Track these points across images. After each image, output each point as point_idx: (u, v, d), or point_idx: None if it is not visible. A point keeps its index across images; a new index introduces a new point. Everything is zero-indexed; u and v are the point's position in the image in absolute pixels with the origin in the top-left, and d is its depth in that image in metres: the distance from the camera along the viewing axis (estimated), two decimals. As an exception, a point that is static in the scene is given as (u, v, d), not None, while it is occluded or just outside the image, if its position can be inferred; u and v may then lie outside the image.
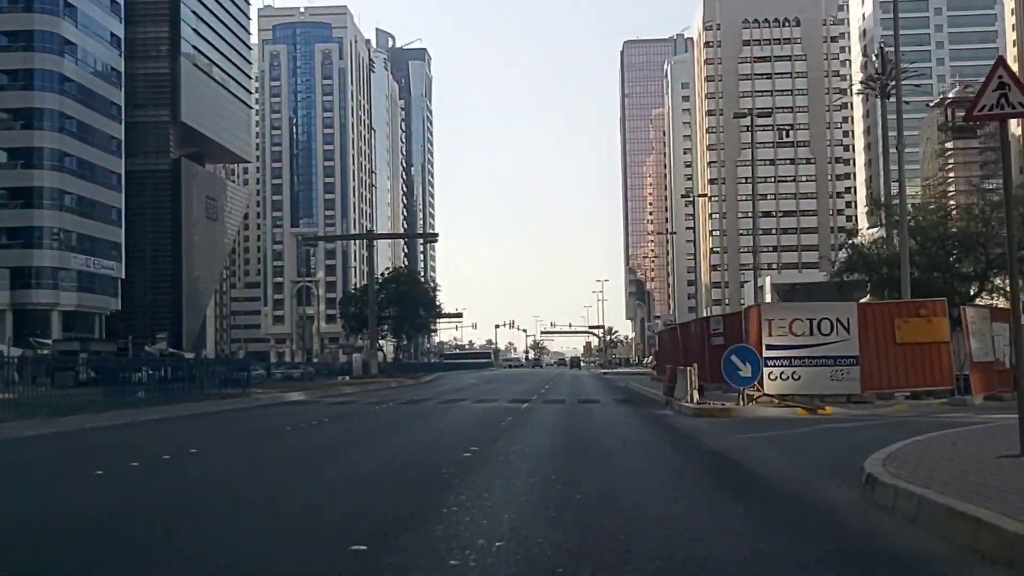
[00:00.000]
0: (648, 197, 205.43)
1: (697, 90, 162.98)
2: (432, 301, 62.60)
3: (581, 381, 56.59)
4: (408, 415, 24.59)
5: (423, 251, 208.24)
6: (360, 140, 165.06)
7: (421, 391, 40.52)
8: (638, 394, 35.64)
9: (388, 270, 62.80)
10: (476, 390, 41.70)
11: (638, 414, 23.80)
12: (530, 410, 25.26)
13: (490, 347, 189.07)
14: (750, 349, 22.75)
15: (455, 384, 51.31)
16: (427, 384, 51.60)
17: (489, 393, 37.75)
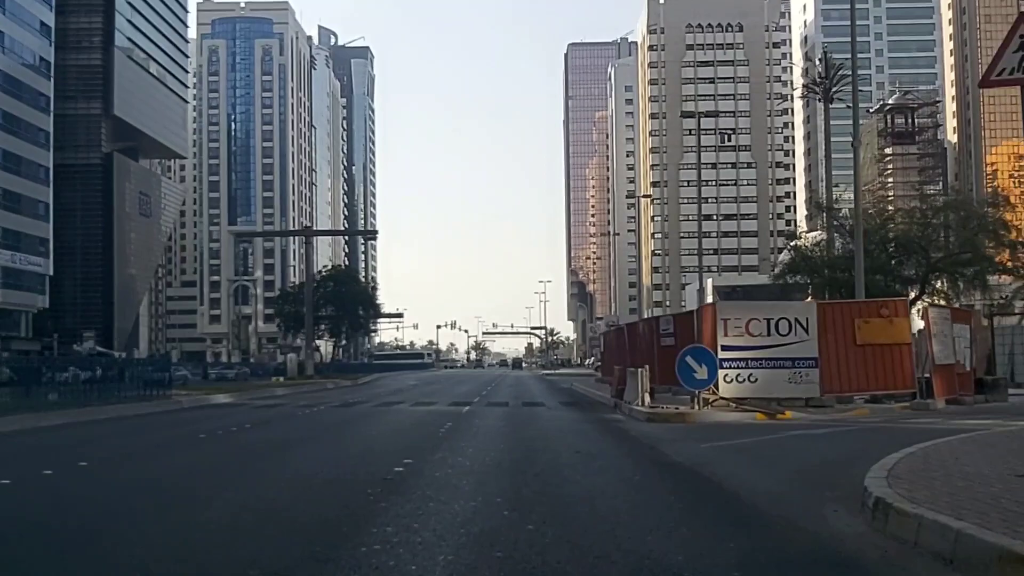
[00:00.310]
0: (591, 199, 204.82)
1: (640, 93, 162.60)
2: (371, 300, 60.29)
3: (524, 382, 54.96)
4: (339, 420, 22.69)
5: (364, 251, 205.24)
6: (300, 138, 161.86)
7: (357, 393, 38.54)
8: (584, 396, 34.08)
9: (326, 268, 60.40)
10: (415, 392, 39.83)
11: (587, 419, 22.16)
12: (472, 414, 23.50)
13: (431, 348, 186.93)
14: (706, 350, 21.24)
15: (394, 385, 49.34)
16: (364, 386, 49.55)
17: (429, 395, 35.91)
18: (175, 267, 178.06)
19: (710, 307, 23.74)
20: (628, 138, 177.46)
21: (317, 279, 58.88)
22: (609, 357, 43.83)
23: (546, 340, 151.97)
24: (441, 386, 48.66)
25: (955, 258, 46.31)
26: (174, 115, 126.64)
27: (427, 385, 50.47)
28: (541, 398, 33.32)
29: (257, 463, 12.77)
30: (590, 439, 16.53)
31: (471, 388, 44.24)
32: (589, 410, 25.77)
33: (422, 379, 64.23)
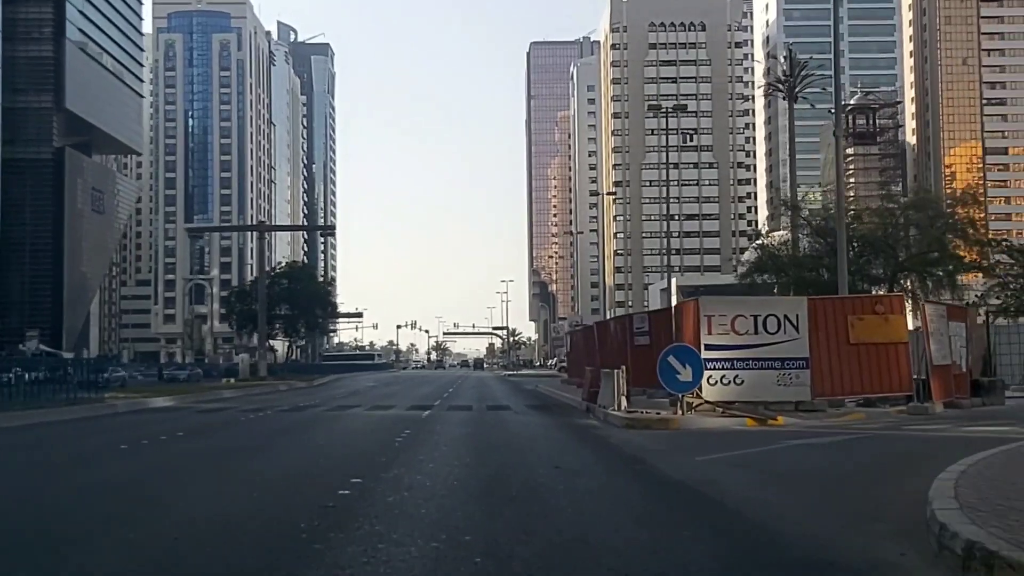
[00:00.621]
0: (553, 199, 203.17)
1: (603, 92, 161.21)
2: (328, 298, 57.66)
3: (487, 384, 52.88)
4: (285, 427, 20.49)
5: (324, 250, 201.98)
6: (259, 134, 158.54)
7: (311, 396, 36.26)
8: (552, 399, 32.09)
9: (279, 264, 57.68)
10: (373, 394, 37.63)
11: (559, 425, 20.15)
12: (433, 419, 21.41)
13: (392, 348, 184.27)
14: (691, 350, 19.30)
15: (351, 387, 47.06)
16: (320, 388, 47.22)
17: (387, 398, 33.75)
18: (130, 266, 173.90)
19: (692, 303, 21.81)
20: (590, 137, 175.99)
21: (271, 276, 56.36)
22: (576, 358, 41.89)
23: (508, 340, 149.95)
24: (401, 388, 46.46)
25: (923, 257, 45.26)
26: (129, 110, 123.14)
27: (386, 387, 48.24)
28: (506, 401, 31.28)
29: (168, 488, 10.55)
30: (568, 450, 14.51)
31: (432, 390, 42.12)
32: (560, 414, 23.77)
33: (381, 380, 61.93)
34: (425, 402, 29.51)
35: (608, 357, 31.52)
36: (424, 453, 13.65)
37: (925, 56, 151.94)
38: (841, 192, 31.02)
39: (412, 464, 12.04)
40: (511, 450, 14.23)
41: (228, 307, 59.25)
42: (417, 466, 11.83)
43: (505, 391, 40.65)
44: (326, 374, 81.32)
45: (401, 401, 30.49)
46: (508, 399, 32.58)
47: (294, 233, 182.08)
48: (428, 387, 46.52)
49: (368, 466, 11.67)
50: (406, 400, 31.25)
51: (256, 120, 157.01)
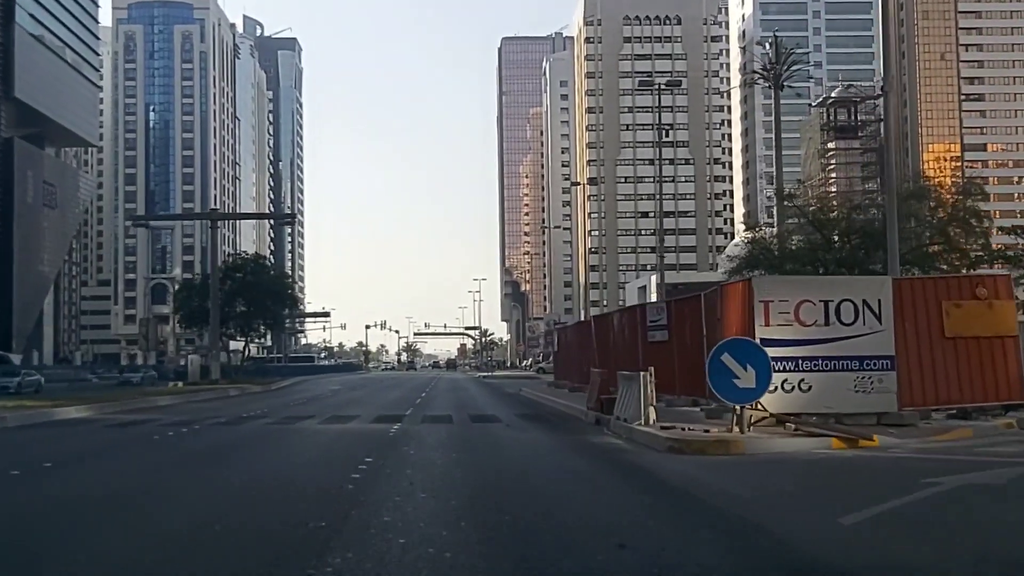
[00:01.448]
0: (525, 197, 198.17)
1: (577, 87, 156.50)
2: (289, 293, 52.12)
3: (463, 387, 47.71)
4: (209, 450, 15.19)
5: (291, 250, 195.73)
6: (223, 129, 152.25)
7: (261, 402, 30.89)
8: (545, 407, 26.95)
9: (232, 256, 51.96)
10: (334, 401, 32.35)
11: (574, 447, 15.00)
12: (404, 437, 16.21)
13: (361, 348, 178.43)
14: (754, 346, 14.19)
15: (311, 391, 41.70)
16: (276, 392, 41.82)
17: (349, 405, 28.52)
18: (91, 265, 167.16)
19: (741, 285, 16.72)
20: (563, 134, 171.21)
21: (224, 270, 50.88)
22: (566, 358, 36.85)
23: (481, 340, 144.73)
24: (367, 392, 41.22)
25: (925, 250, 41.28)
26: (84, 101, 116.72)
27: (351, 391, 42.97)
28: (491, 409, 26.12)
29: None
30: (613, 499, 9.33)
31: (403, 394, 36.90)
32: (565, 429, 18.63)
33: (347, 383, 56.61)
34: (394, 411, 24.34)
35: (611, 356, 26.50)
36: (392, 501, 8.49)
37: (903, 51, 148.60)
38: (890, 162, 26.19)
39: (373, 532, 6.88)
40: (527, 500, 9.06)
41: (178, 304, 53.47)
42: (382, 535, 6.66)
43: (486, 396, 35.51)
44: (288, 376, 75.80)
45: (366, 410, 25.28)
46: (493, 406, 27.43)
47: (260, 232, 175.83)
48: (398, 391, 41.31)
49: (300, 536, 6.50)
50: (372, 408, 26.05)
51: (220, 114, 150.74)
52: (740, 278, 16.71)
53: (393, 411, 24.38)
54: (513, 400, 31.60)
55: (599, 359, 28.37)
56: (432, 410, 25.18)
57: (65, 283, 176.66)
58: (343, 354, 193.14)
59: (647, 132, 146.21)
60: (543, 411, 24.71)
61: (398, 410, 24.85)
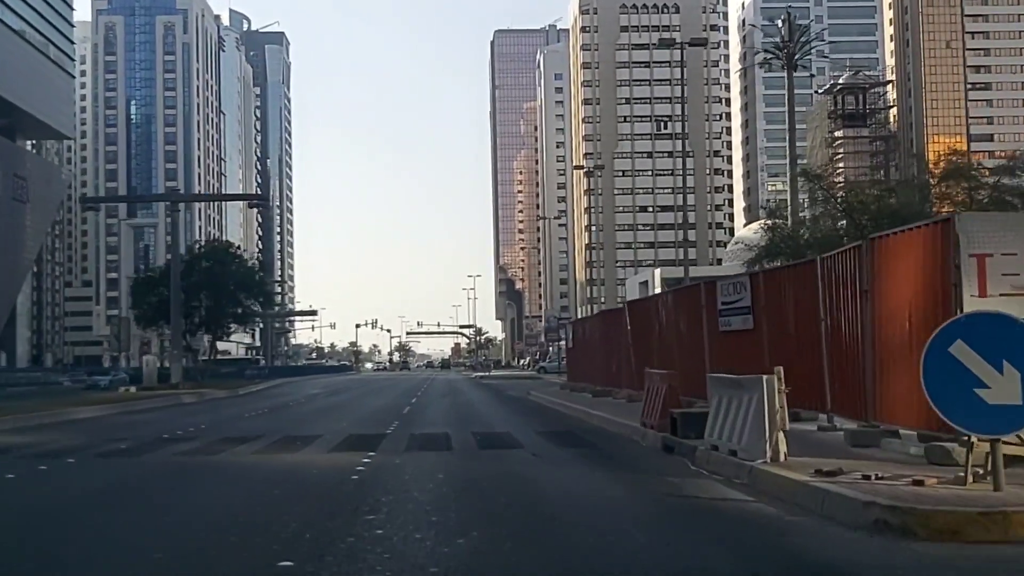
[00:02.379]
0: (519, 194, 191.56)
1: (573, 78, 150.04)
2: (259, 284, 45.29)
3: (460, 389, 41.20)
4: (29, 521, 8.56)
5: (280, 249, 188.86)
6: (207, 123, 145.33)
7: (207, 415, 24.24)
8: (569, 418, 20.43)
9: (197, 243, 45.13)
10: (301, 411, 25.84)
11: (674, 510, 8.44)
12: (373, 489, 9.64)
13: (353, 348, 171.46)
14: (1016, 324, 7.65)
15: (283, 397, 35.12)
16: (241, 399, 35.25)
17: (318, 418, 22.04)
18: (75, 265, 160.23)
19: (930, 231, 10.07)
20: (558, 128, 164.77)
21: (186, 258, 44.26)
22: (583, 355, 30.36)
23: (476, 339, 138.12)
24: (349, 397, 34.72)
25: None
26: (59, 91, 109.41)
27: (331, 396, 36.46)
28: (502, 423, 19.55)
29: None
30: None
31: (389, 400, 30.42)
32: (621, 461, 12.12)
33: (331, 386, 50.05)
34: (373, 427, 17.87)
35: (654, 353, 20.00)
36: None
37: (907, 40, 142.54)
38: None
39: None
40: None
41: (134, 299, 46.64)
42: None
43: (489, 402, 29.00)
44: (268, 379, 69.24)
45: (337, 425, 18.79)
46: (503, 418, 20.90)
47: (247, 231, 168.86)
48: (385, 396, 34.80)
49: None
50: (345, 423, 19.57)
51: (204, 108, 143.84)
52: (925, 222, 10.21)
53: (371, 427, 17.90)
54: (525, 408, 25.11)
55: (636, 357, 21.91)
56: (423, 425, 18.66)
57: (48, 283, 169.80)
58: (335, 354, 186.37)
59: (645, 124, 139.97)
60: (572, 426, 18.17)
61: (378, 426, 18.33)
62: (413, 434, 16.45)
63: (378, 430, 17.25)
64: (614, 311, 26.28)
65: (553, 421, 19.79)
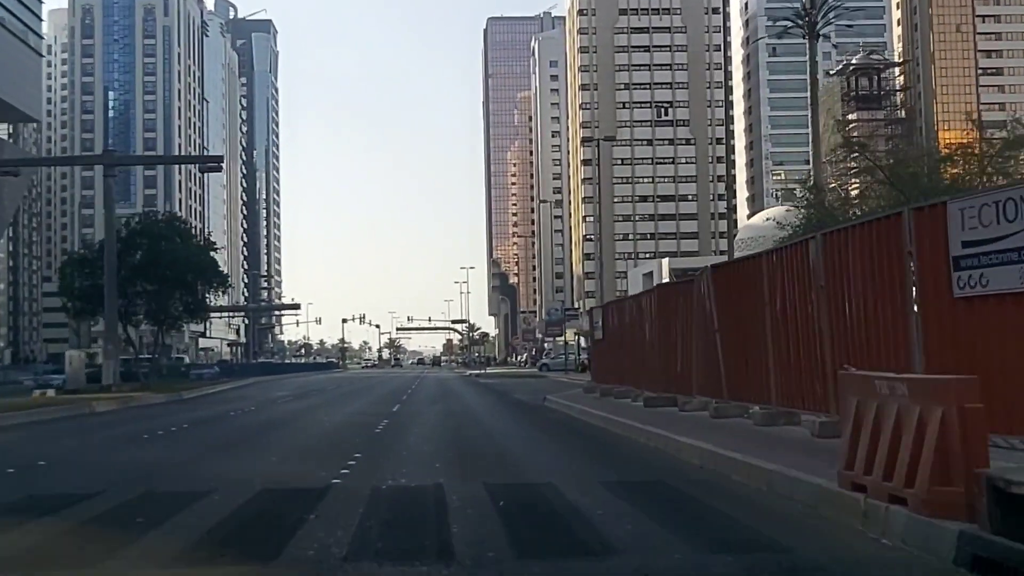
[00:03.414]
0: (513, 186, 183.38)
1: (569, 64, 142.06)
2: (212, 267, 36.90)
3: (454, 391, 33.30)
4: None
5: (267, 243, 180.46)
6: (189, 111, 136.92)
7: (68, 441, 16.07)
8: (653, 455, 12.23)
9: (137, 218, 36.90)
10: (225, 431, 17.77)
11: None
12: None
13: (343, 345, 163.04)
14: None
15: (227, 406, 27.06)
16: (179, 405, 27.23)
17: (235, 447, 14.11)
18: (54, 259, 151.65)
19: None
20: (554, 117, 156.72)
21: (125, 235, 36.13)
22: (618, 351, 22.48)
23: (469, 335, 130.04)
24: (313, 404, 26.78)
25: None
26: (25, 70, 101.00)
27: (293, 401, 28.54)
28: (536, 465, 11.38)
29: None
30: None
31: (363, 407, 22.60)
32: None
33: (305, 387, 42.12)
34: (311, 471, 9.99)
35: (771, 343, 12.07)
36: None
37: (915, 24, 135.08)
38: None
39: None
40: None
41: (61, 282, 38.23)
42: None
43: (497, 414, 21.02)
44: (249, 377, 61.50)
45: (255, 463, 10.99)
46: (530, 450, 12.82)
47: (231, 223, 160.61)
48: (360, 402, 26.90)
49: None
50: (273, 457, 11.76)
51: (185, 94, 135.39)
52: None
53: (310, 469, 10.01)
54: (552, 426, 17.10)
55: (726, 349, 13.99)
56: (399, 465, 10.63)
57: (24, 278, 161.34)
58: (324, 351, 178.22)
59: (645, 110, 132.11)
60: (665, 471, 10.04)
61: (323, 465, 10.35)
62: (377, 491, 8.53)
63: (318, 477, 9.32)
64: (679, 285, 18.34)
65: (617, 457, 11.77)
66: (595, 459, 11.48)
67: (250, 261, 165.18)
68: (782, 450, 9.42)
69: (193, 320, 40.24)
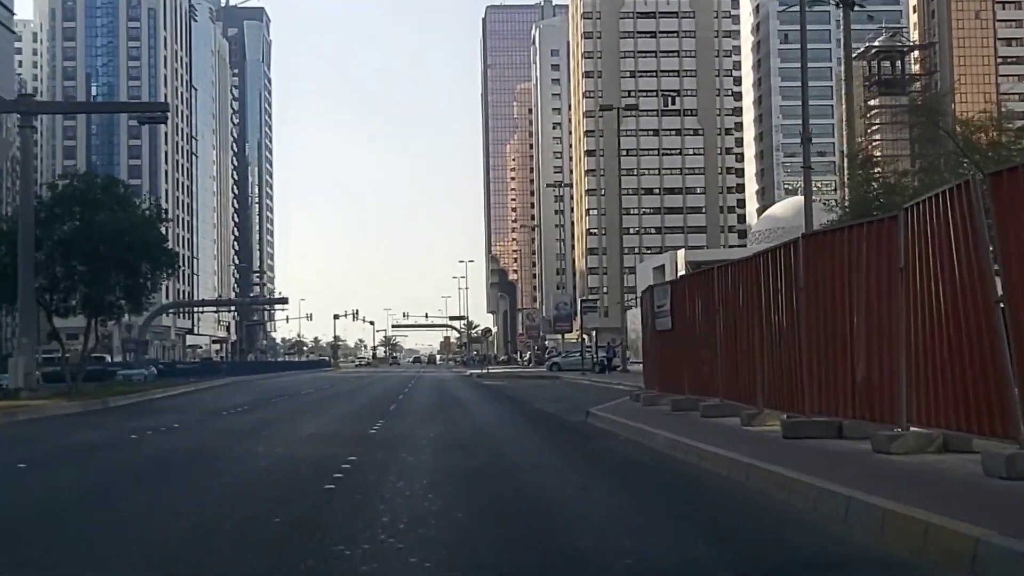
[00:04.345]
0: (512, 180, 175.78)
1: (572, 51, 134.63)
2: (158, 243, 29.27)
3: (459, 401, 25.95)
4: None
5: (259, 238, 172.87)
6: (175, 97, 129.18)
7: None
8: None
9: (69, 181, 29.27)
10: (84, 476, 10.29)
11: None
12: None
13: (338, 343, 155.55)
14: None
15: (159, 417, 19.64)
16: (79, 420, 19.88)
17: (77, 512, 6.69)
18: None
19: None
20: (555, 107, 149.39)
21: (48, 201, 28.49)
22: (700, 347, 15.09)
23: (468, 332, 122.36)
24: (275, 415, 19.60)
25: None
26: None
27: (248, 412, 21.27)
28: None
29: None
30: None
31: (333, 420, 15.18)
32: None
33: (268, 394, 34.78)
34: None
35: None
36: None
37: (932, 10, 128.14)
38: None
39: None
40: None
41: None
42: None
43: (524, 435, 13.61)
44: (223, 376, 54.25)
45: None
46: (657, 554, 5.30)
47: (223, 216, 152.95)
48: (336, 410, 19.61)
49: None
50: None
51: (172, 80, 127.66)
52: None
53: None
54: (638, 473, 9.58)
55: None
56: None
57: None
58: (318, 350, 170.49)
59: (651, 99, 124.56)
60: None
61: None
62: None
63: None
64: (837, 229, 10.94)
65: None
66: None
67: (241, 256, 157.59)
68: None
69: (136, 311, 32.62)
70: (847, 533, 5.92)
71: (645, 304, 19.78)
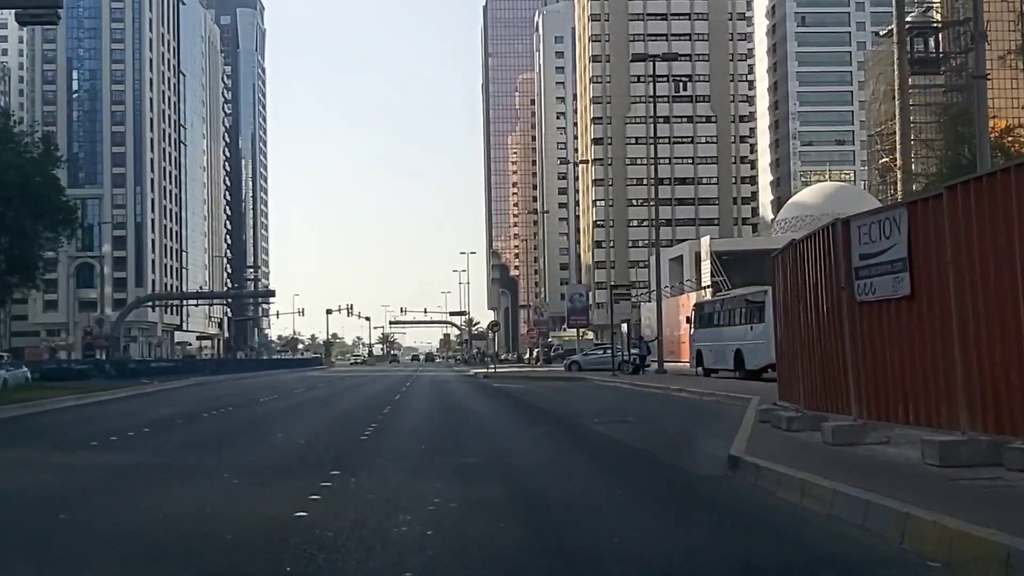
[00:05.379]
0: (513, 173, 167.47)
1: (579, 34, 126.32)
2: (49, 196, 21.25)
3: (473, 415, 17.75)
4: None
5: (254, 233, 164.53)
6: (162, 83, 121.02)
7: None
8: None
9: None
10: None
11: None
12: None
13: (336, 340, 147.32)
14: None
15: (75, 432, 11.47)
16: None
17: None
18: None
19: None
20: (559, 97, 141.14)
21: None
22: (915, 321, 6.46)
23: (469, 329, 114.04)
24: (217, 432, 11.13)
25: None
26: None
27: (166, 431, 12.85)
28: None
29: None
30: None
31: (278, 457, 6.80)
32: None
33: (238, 395, 26.97)
34: None
35: None
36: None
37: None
38: None
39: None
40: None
41: None
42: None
43: (653, 536, 5.18)
44: (197, 374, 46.42)
45: None
46: None
47: (215, 209, 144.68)
48: (300, 428, 11.34)
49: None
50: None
51: (159, 65, 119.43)
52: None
53: None
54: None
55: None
56: None
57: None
58: (314, 347, 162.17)
59: (662, 84, 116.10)
60: None
61: None
62: None
63: None
64: None
65: None
66: None
67: (234, 250, 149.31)
68: None
69: (24, 284, 24.37)
70: None
71: (792, 264, 11.46)
